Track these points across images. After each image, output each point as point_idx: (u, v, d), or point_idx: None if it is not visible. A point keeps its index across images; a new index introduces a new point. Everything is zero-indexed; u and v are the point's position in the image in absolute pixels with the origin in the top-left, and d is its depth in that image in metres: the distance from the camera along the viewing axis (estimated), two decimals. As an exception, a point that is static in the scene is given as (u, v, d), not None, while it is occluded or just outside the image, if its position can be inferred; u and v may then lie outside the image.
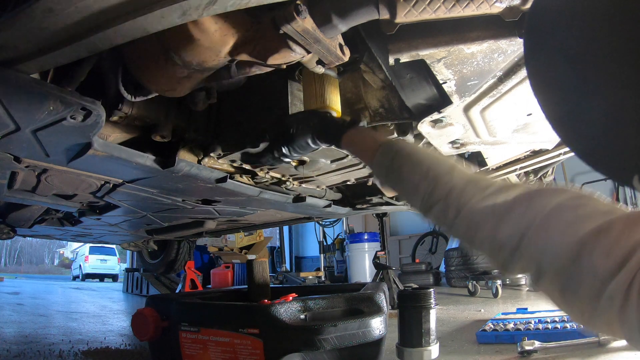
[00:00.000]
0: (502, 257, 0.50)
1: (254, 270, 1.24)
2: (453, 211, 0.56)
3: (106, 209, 1.59)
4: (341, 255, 6.67)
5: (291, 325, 0.88)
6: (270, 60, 0.72)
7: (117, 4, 0.52)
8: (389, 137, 0.77)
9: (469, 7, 0.68)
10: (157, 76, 0.77)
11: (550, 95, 0.48)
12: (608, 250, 0.39)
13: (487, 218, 0.51)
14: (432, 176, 0.60)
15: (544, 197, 0.48)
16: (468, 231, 0.55)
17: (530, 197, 0.50)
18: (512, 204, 0.50)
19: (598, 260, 0.40)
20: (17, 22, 0.52)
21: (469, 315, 2.76)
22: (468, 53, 0.82)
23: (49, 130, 0.81)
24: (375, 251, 3.79)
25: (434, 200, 0.59)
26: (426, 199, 0.60)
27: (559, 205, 0.46)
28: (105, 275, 14.59)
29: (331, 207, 1.73)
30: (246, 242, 5.78)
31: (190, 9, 0.52)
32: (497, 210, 0.51)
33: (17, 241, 25.09)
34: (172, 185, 1.26)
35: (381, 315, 0.96)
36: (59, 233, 2.29)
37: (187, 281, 3.97)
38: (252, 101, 1.10)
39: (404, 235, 7.63)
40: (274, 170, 1.35)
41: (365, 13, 0.71)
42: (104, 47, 0.59)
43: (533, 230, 0.46)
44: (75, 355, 1.75)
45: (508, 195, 0.51)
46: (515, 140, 1.24)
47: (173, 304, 1.06)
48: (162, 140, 1.04)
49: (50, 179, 1.16)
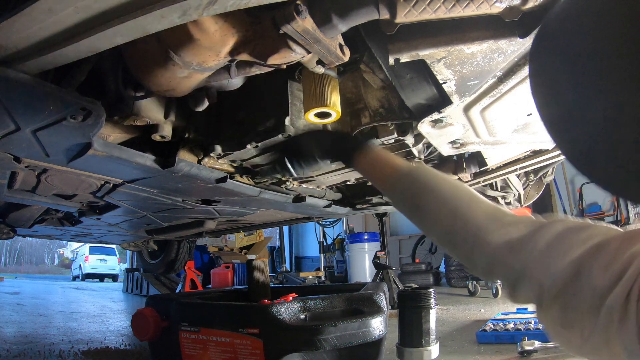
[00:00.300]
0: (509, 284, 0.52)
1: (254, 270, 1.24)
2: (471, 245, 0.57)
3: (106, 209, 1.59)
4: (341, 255, 6.67)
5: (291, 325, 0.88)
6: (270, 60, 0.72)
7: (117, 4, 0.52)
8: (405, 163, 0.73)
9: (469, 7, 0.68)
10: (157, 76, 0.77)
11: (549, 96, 0.48)
12: (606, 264, 0.41)
13: (503, 253, 0.53)
14: (452, 209, 0.61)
15: (549, 227, 0.51)
16: (487, 265, 0.56)
17: (539, 228, 0.52)
18: (524, 238, 0.52)
19: (597, 275, 0.41)
20: (17, 22, 0.52)
21: (469, 315, 2.76)
22: (468, 53, 0.82)
23: (49, 130, 0.81)
24: (375, 251, 3.79)
25: (454, 233, 0.60)
26: (446, 231, 0.61)
27: (562, 231, 0.49)
28: (105, 275, 14.60)
29: (331, 207, 1.73)
30: (246, 242, 5.79)
31: (190, 9, 0.52)
32: (511, 245, 0.53)
33: (17, 241, 25.09)
34: (172, 185, 1.26)
35: (381, 315, 0.96)
36: (59, 233, 2.29)
37: (187, 281, 3.97)
38: (252, 101, 1.10)
39: (404, 235, 7.63)
40: (274, 170, 1.35)
41: (365, 13, 0.71)
42: (104, 47, 0.59)
43: (537, 255, 0.49)
44: (75, 355, 1.75)
45: (520, 229, 0.53)
46: (515, 140, 1.23)
47: (173, 304, 1.06)
48: (162, 140, 1.04)
49: (50, 179, 1.16)
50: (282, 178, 1.20)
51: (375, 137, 1.18)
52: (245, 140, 1.06)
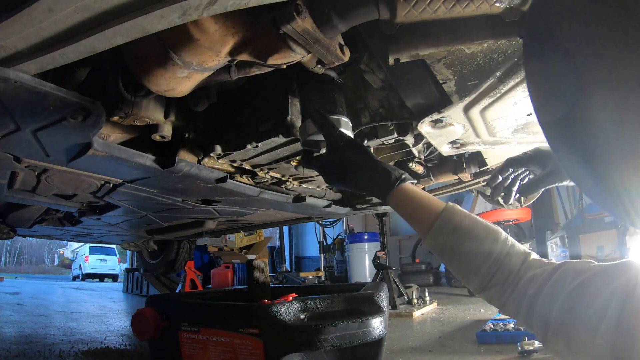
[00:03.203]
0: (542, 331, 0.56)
1: (254, 270, 1.24)
2: (508, 294, 0.60)
3: (106, 209, 1.59)
4: (341, 255, 6.67)
5: (291, 325, 0.88)
6: (270, 60, 0.72)
7: (117, 4, 0.52)
8: (444, 204, 0.70)
9: (469, 7, 0.68)
10: (157, 76, 0.77)
11: (546, 99, 0.48)
12: (592, 299, 0.48)
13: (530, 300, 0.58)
14: (494, 260, 0.62)
15: (559, 269, 0.56)
16: (517, 310, 0.59)
17: (552, 273, 0.57)
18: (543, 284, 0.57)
19: (586, 308, 0.48)
20: (17, 22, 0.52)
21: (469, 315, 2.76)
22: (468, 53, 0.82)
23: (49, 130, 0.81)
24: (375, 251, 3.79)
25: (493, 283, 0.61)
26: (487, 281, 0.62)
27: (565, 268, 0.55)
28: (105, 275, 14.60)
29: (331, 207, 1.73)
30: (246, 242, 5.79)
31: (190, 9, 0.52)
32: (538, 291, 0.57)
33: (17, 241, 25.09)
34: (172, 185, 1.26)
35: (381, 315, 0.96)
36: (59, 233, 2.29)
37: (187, 281, 3.97)
38: (252, 101, 1.10)
39: (404, 235, 7.63)
40: (274, 170, 1.35)
41: (365, 13, 0.71)
42: (104, 47, 0.59)
43: (545, 291, 0.55)
44: (75, 355, 1.75)
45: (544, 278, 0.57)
46: (515, 140, 1.23)
47: (173, 304, 1.06)
48: (162, 140, 1.04)
49: (50, 179, 1.16)
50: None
51: (375, 137, 1.18)
52: (245, 141, 1.06)
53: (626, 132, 0.37)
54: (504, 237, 0.64)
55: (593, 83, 0.39)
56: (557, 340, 0.52)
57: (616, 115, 0.37)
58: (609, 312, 0.45)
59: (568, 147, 0.47)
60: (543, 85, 0.48)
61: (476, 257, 0.63)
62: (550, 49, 0.44)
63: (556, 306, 0.52)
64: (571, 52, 0.40)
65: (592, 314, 0.47)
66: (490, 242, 0.63)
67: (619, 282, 0.48)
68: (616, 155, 0.40)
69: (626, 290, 0.46)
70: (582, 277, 0.52)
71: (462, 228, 0.65)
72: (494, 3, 0.67)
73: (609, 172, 0.41)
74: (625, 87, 0.36)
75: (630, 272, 0.48)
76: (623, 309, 0.45)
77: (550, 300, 0.53)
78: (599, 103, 0.39)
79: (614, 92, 0.37)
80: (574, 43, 0.40)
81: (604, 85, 0.38)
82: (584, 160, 0.44)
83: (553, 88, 0.46)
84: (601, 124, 0.39)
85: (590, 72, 0.39)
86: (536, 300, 0.55)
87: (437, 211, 0.68)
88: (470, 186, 1.77)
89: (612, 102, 0.38)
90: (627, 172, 0.39)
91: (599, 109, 0.39)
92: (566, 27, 0.41)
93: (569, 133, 0.45)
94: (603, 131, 0.40)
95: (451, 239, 0.65)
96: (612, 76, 0.37)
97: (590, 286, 0.50)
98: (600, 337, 0.45)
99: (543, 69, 0.46)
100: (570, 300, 0.51)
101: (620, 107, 0.37)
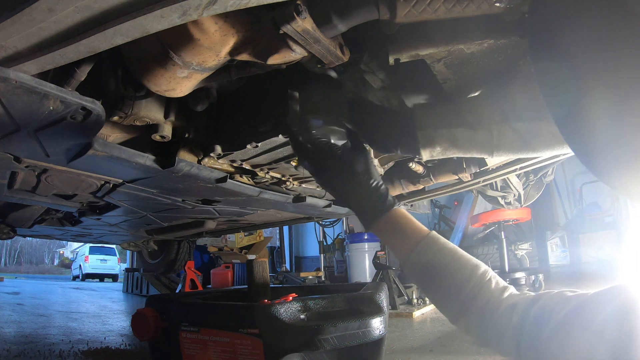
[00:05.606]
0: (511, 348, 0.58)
1: (254, 270, 1.23)
2: (488, 319, 0.60)
3: (106, 209, 1.59)
4: (341, 255, 6.66)
5: (291, 325, 0.88)
6: (271, 60, 0.72)
7: (117, 4, 0.52)
8: (428, 230, 0.72)
9: (469, 7, 0.68)
10: (157, 76, 0.77)
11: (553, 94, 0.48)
12: (587, 325, 0.49)
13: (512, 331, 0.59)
14: (475, 282, 0.63)
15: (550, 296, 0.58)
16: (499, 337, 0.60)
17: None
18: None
19: (582, 333, 0.49)
20: (17, 22, 0.52)
21: (469, 315, 2.76)
22: (468, 53, 0.82)
23: (49, 130, 0.81)
24: (375, 251, 3.79)
25: (474, 308, 0.62)
26: (468, 302, 0.62)
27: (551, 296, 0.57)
28: (105, 275, 14.60)
29: (331, 207, 1.73)
30: (246, 242, 5.78)
31: (190, 9, 0.52)
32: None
33: (17, 241, 25.10)
34: (172, 185, 1.26)
35: (381, 315, 0.96)
36: (59, 233, 2.29)
37: (187, 281, 3.97)
38: (252, 101, 1.10)
39: (404, 235, 7.61)
40: (274, 170, 1.34)
41: (365, 13, 0.71)
42: (104, 47, 0.59)
43: (530, 319, 0.55)
44: (75, 355, 1.75)
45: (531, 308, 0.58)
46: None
47: (173, 304, 1.06)
48: (162, 140, 1.04)
49: (50, 179, 1.16)
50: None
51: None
52: (245, 140, 1.06)
53: (625, 132, 0.37)
54: (485, 267, 0.66)
55: (592, 83, 0.39)
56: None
57: (616, 115, 0.37)
58: (606, 338, 0.45)
59: (573, 145, 0.47)
60: (543, 85, 0.48)
61: (460, 278, 0.64)
62: (550, 49, 0.44)
63: (544, 335, 0.52)
64: (571, 52, 0.40)
65: (589, 339, 0.47)
66: (472, 267, 0.65)
67: (611, 307, 0.48)
68: (616, 155, 0.40)
69: (619, 316, 0.47)
70: (573, 304, 0.52)
71: (447, 249, 0.68)
72: (494, 3, 0.67)
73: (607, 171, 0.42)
74: (624, 87, 0.36)
75: (621, 297, 0.49)
76: (619, 338, 0.45)
77: (538, 329, 0.54)
78: (598, 103, 0.39)
79: (614, 92, 0.37)
80: (574, 43, 0.40)
81: (604, 85, 0.38)
82: (586, 157, 0.45)
83: (553, 88, 0.46)
84: (601, 123, 0.40)
85: (590, 72, 0.39)
86: (522, 328, 0.55)
87: (423, 233, 0.71)
88: (470, 186, 1.77)
89: (612, 102, 0.38)
90: (627, 171, 0.39)
91: (598, 108, 0.39)
92: (566, 28, 0.41)
93: (569, 132, 0.45)
94: (602, 131, 0.40)
95: (437, 257, 0.67)
96: (611, 76, 0.37)
97: (583, 313, 0.50)
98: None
99: (543, 69, 0.47)
100: (563, 327, 0.51)
101: (620, 106, 0.37)
